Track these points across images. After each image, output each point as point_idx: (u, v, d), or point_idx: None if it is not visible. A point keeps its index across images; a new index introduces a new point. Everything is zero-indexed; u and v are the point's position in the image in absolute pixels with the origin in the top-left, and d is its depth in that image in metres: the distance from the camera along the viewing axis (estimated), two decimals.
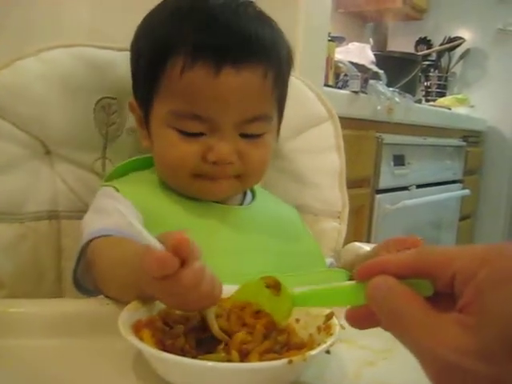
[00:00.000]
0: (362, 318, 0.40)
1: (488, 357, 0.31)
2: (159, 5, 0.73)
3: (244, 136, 0.70)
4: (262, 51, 0.68)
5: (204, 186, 0.71)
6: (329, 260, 0.87)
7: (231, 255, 0.69)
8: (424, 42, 3.26)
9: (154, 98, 0.70)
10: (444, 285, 0.35)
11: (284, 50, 0.73)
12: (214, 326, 0.46)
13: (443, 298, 0.36)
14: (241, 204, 0.79)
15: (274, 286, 0.47)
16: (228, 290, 0.53)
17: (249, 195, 0.81)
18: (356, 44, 2.18)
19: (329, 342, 0.43)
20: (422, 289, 0.37)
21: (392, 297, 0.36)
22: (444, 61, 3.19)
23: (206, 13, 0.68)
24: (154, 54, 0.69)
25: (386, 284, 0.37)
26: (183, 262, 0.42)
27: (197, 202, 0.73)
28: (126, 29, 0.74)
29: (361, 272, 0.39)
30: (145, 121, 0.74)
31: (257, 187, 0.84)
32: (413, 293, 0.36)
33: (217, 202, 0.75)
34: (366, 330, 0.55)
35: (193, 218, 0.72)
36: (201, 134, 0.68)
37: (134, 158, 0.80)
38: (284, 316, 0.47)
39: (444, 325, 0.33)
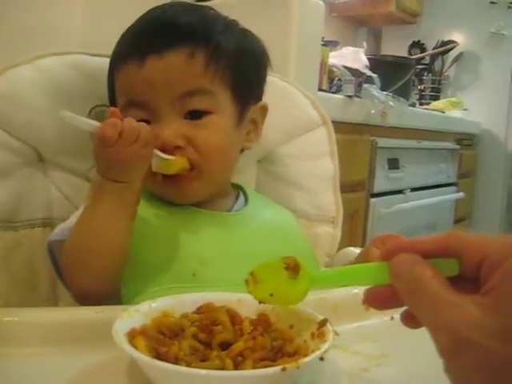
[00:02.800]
0: (382, 299, 0.41)
1: (503, 336, 0.32)
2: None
3: (189, 118, 0.70)
4: (186, 34, 0.70)
5: (172, 189, 0.71)
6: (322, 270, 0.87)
7: (217, 262, 0.70)
8: (417, 45, 3.28)
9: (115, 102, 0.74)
10: (470, 268, 0.37)
11: (222, 36, 0.72)
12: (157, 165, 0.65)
13: (466, 282, 0.37)
14: (229, 210, 0.78)
15: (294, 268, 0.47)
16: (221, 297, 0.53)
17: (241, 200, 0.81)
18: (350, 48, 2.19)
19: (322, 349, 0.43)
20: (446, 268, 0.38)
21: (415, 272, 0.37)
22: (437, 64, 3.21)
23: (149, 17, 0.74)
24: (109, 65, 0.76)
25: (411, 259, 0.38)
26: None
27: (183, 209, 0.73)
28: (117, 37, 0.75)
29: (387, 251, 0.40)
30: None
31: (250, 191, 0.84)
32: (436, 270, 0.37)
33: (205, 209, 0.75)
34: (360, 336, 0.56)
35: (178, 226, 0.72)
36: (147, 123, 0.68)
37: None
38: (300, 298, 0.47)
39: (463, 303, 0.34)
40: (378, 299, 0.42)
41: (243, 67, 0.75)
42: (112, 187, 0.62)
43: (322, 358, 0.47)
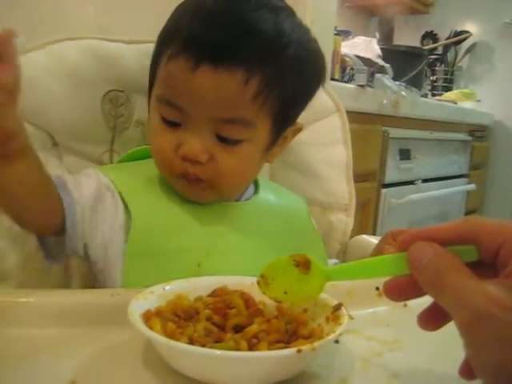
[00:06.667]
0: (401, 289, 0.41)
1: None
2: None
3: (221, 139, 0.66)
4: (248, 54, 0.63)
5: (183, 188, 0.69)
6: (333, 261, 0.87)
7: (222, 253, 0.69)
8: (430, 36, 3.25)
9: (153, 87, 0.70)
10: (488, 253, 0.37)
11: (285, 57, 0.66)
12: None
13: (484, 267, 0.38)
14: (238, 199, 0.77)
15: (304, 264, 0.46)
16: (235, 280, 0.53)
17: (250, 189, 0.79)
18: (362, 38, 2.17)
19: (338, 332, 0.43)
20: (465, 255, 0.38)
21: (436, 263, 0.37)
22: (450, 55, 3.19)
23: (209, 7, 0.65)
24: (157, 46, 0.70)
25: (431, 249, 0.38)
26: None
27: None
28: (131, 23, 0.74)
29: (403, 241, 0.40)
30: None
31: (262, 179, 0.84)
32: (457, 259, 0.37)
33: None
34: (373, 322, 0.56)
35: (185, 216, 0.71)
36: (177, 125, 0.66)
37: (143, 147, 0.79)
38: (315, 293, 0.47)
39: (484, 284, 0.35)
40: (397, 290, 0.42)
41: (296, 95, 0.70)
42: None
43: (337, 341, 0.47)
